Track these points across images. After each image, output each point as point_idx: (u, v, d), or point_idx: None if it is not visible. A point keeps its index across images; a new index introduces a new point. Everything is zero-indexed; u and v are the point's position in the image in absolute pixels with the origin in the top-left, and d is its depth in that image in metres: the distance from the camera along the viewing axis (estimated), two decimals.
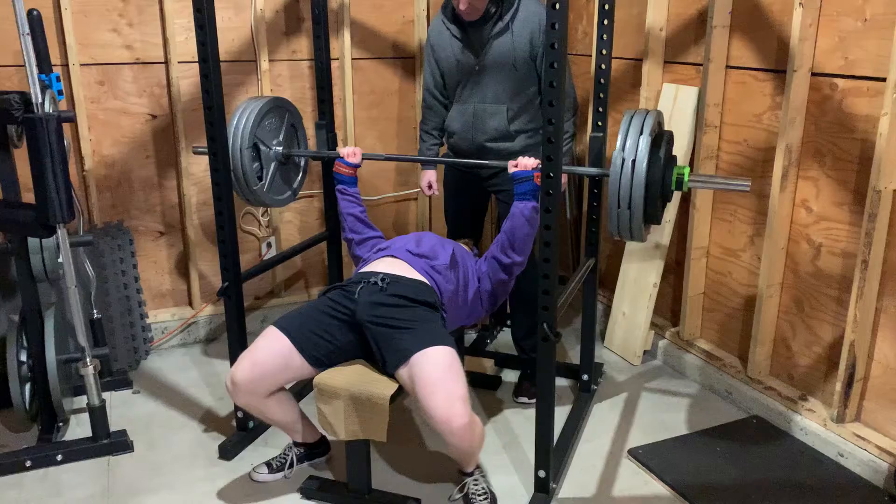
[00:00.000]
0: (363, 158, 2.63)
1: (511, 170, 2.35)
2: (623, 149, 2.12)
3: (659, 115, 2.22)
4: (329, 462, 2.50)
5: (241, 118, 2.56)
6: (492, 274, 2.43)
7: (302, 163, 2.89)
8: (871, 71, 2.26)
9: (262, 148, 2.64)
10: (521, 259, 2.39)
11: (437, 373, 2.03)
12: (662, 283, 3.16)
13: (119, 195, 3.24)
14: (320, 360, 2.20)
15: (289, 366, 2.18)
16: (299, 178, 2.88)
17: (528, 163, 2.32)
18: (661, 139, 2.18)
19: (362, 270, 2.37)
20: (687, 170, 2.18)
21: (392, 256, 2.39)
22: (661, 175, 2.15)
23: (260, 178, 2.65)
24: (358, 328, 2.20)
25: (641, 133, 2.11)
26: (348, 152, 2.60)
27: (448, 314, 2.33)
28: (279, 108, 2.72)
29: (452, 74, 2.76)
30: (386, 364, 2.14)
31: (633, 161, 2.09)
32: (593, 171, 2.47)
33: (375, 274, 2.28)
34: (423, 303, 2.22)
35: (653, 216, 2.21)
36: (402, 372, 2.08)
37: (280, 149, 2.71)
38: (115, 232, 3.15)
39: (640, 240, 2.24)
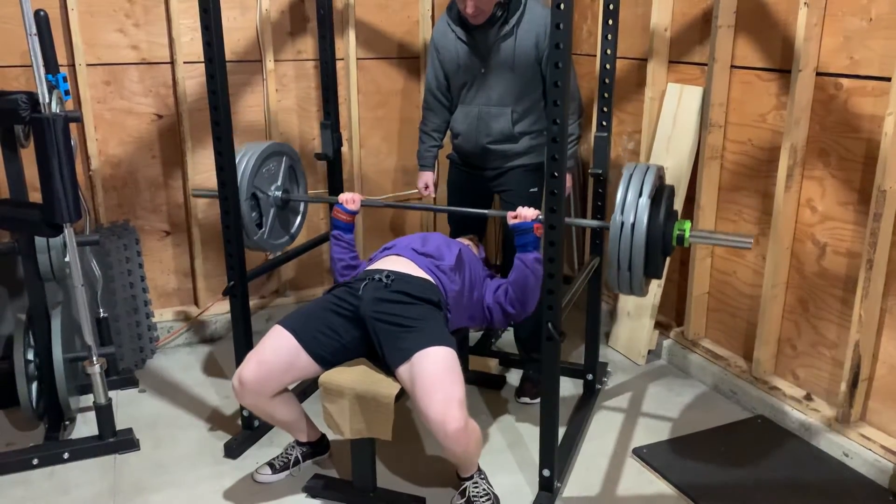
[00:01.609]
0: (362, 205, 2.62)
1: (511, 221, 2.36)
2: (622, 210, 2.10)
3: (659, 170, 2.19)
4: (333, 460, 2.51)
5: (238, 168, 2.53)
6: (497, 313, 2.44)
7: (301, 206, 2.91)
8: (877, 70, 2.26)
9: (261, 195, 2.66)
10: (530, 309, 2.39)
11: (437, 374, 2.03)
12: (667, 282, 3.16)
13: (125, 195, 3.25)
14: (326, 359, 2.21)
15: (295, 364, 2.18)
16: (297, 221, 2.90)
17: (527, 214, 2.33)
18: (662, 195, 2.16)
19: (367, 269, 2.38)
20: (688, 225, 2.17)
21: (397, 255, 2.39)
22: (662, 233, 2.13)
23: (259, 226, 2.67)
24: (362, 325, 2.20)
25: (641, 194, 2.09)
26: (347, 199, 2.58)
27: (452, 314, 2.33)
28: (277, 154, 2.73)
29: (457, 76, 2.77)
30: (387, 362, 2.14)
31: (633, 223, 2.07)
32: (594, 223, 2.44)
33: (380, 271, 2.29)
34: (427, 301, 2.23)
35: (654, 272, 2.19)
36: (403, 370, 2.09)
37: (279, 193, 2.73)
38: (121, 231, 3.16)
39: (641, 295, 2.24)
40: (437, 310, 2.25)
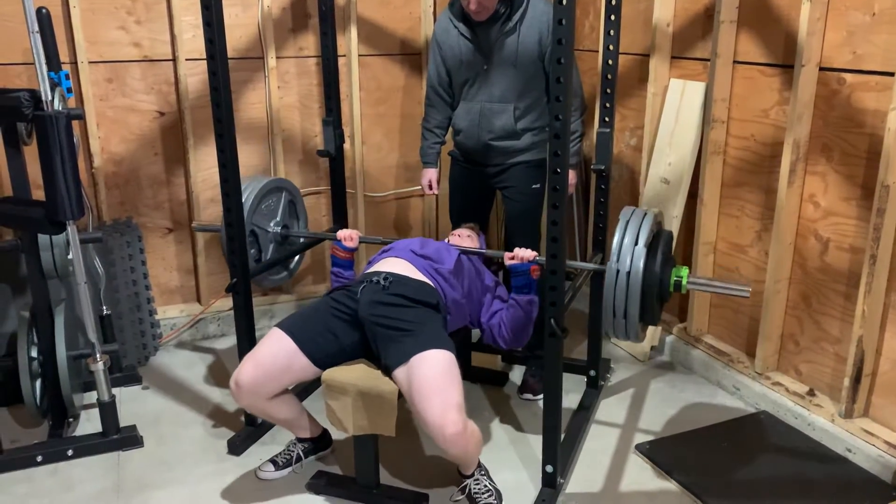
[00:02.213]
0: (360, 241, 2.62)
1: (508, 262, 2.36)
2: (617, 258, 2.09)
3: (657, 216, 2.18)
4: (336, 457, 2.51)
5: None
6: (488, 336, 2.49)
7: (299, 240, 2.92)
8: (880, 65, 2.25)
9: (259, 231, 2.67)
10: (521, 345, 2.47)
11: (434, 378, 2.02)
12: None
13: (128, 192, 3.25)
14: (324, 361, 2.20)
15: (292, 367, 2.18)
16: (297, 259, 2.92)
17: (524, 255, 2.33)
18: (659, 242, 2.15)
19: (366, 271, 2.38)
20: (685, 272, 2.16)
21: (396, 257, 2.39)
22: (658, 280, 2.12)
23: (258, 261, 2.68)
24: (361, 328, 2.20)
25: (637, 242, 2.08)
26: (345, 235, 2.58)
27: (452, 316, 2.33)
28: (277, 189, 2.75)
29: (459, 72, 2.76)
30: (385, 365, 2.14)
31: (629, 273, 2.06)
32: (591, 266, 2.42)
33: (378, 274, 2.29)
34: (425, 303, 2.23)
35: (650, 319, 2.18)
36: (400, 373, 2.08)
37: (278, 229, 2.74)
38: (123, 229, 3.17)
39: (638, 341, 2.24)
40: (436, 312, 2.24)
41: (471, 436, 2.06)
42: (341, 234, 2.59)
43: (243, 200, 2.54)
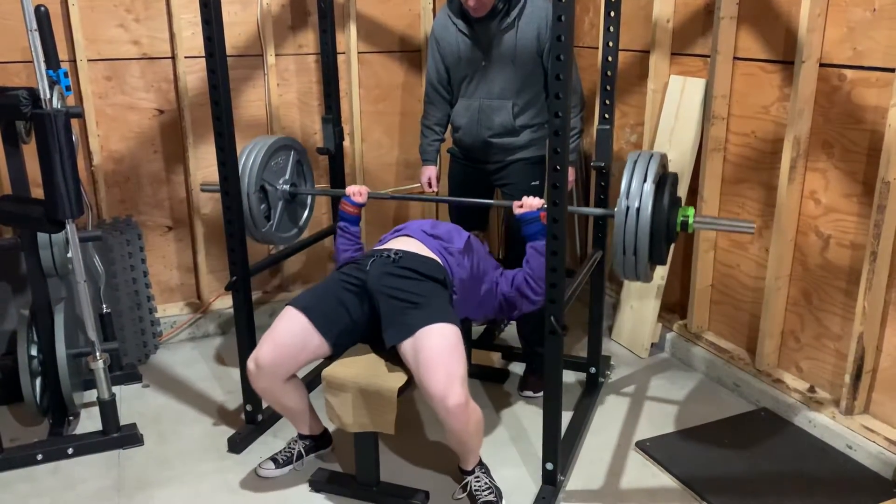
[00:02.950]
0: (369, 197, 2.62)
1: (517, 211, 2.38)
2: (627, 196, 2.13)
3: (663, 157, 2.22)
4: (337, 454, 2.51)
5: (247, 161, 2.56)
6: (515, 300, 2.44)
7: (308, 199, 2.91)
8: (881, 61, 2.25)
9: (269, 188, 2.66)
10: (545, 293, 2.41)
11: (440, 350, 2.05)
12: (670, 275, 3.16)
13: (127, 190, 3.25)
14: (336, 336, 2.22)
15: (308, 345, 2.20)
16: (305, 214, 2.91)
17: (532, 203, 2.35)
18: (666, 182, 2.19)
19: (376, 248, 2.40)
20: (692, 211, 2.20)
21: (407, 236, 2.42)
22: (666, 219, 2.16)
23: (268, 219, 2.68)
24: (370, 299, 2.22)
25: (645, 179, 2.13)
26: (355, 191, 2.59)
27: (458, 297, 2.34)
28: (285, 148, 2.73)
29: (457, 69, 2.76)
30: (391, 336, 2.15)
31: (638, 208, 2.11)
32: (598, 211, 2.47)
33: (389, 250, 2.32)
34: (433, 278, 2.25)
35: (658, 258, 2.22)
36: (406, 345, 2.10)
37: (287, 187, 2.73)
38: (123, 227, 3.16)
39: (647, 281, 2.27)
40: (443, 288, 2.26)
41: (472, 412, 2.08)
42: (350, 189, 2.60)
43: (253, 156, 2.56)
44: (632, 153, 2.23)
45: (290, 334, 2.18)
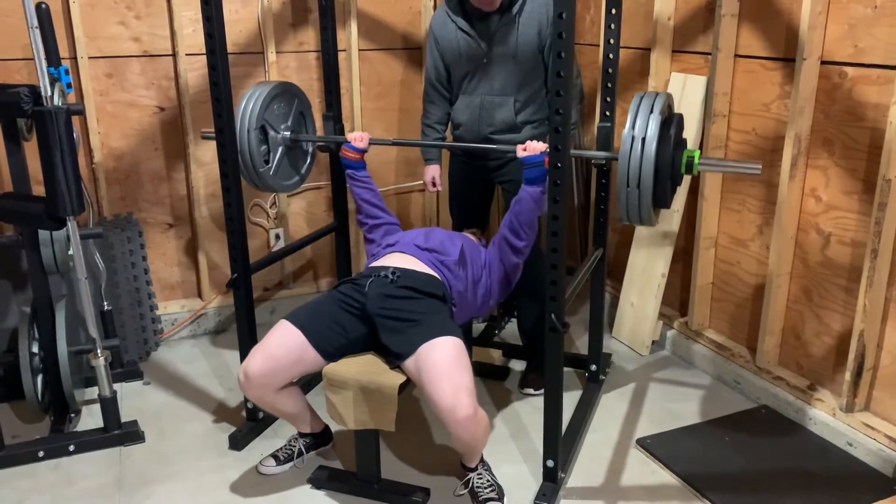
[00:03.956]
0: (370, 143, 2.63)
1: (520, 154, 2.34)
2: (633, 128, 2.10)
3: (669, 97, 2.20)
4: (337, 452, 2.51)
5: (249, 101, 2.57)
6: (504, 258, 2.44)
7: (310, 149, 2.89)
8: (882, 59, 2.24)
9: (270, 132, 2.65)
10: (530, 240, 2.41)
11: (445, 363, 2.03)
12: (671, 272, 3.15)
13: (128, 187, 3.25)
14: (332, 354, 2.20)
15: (302, 359, 2.18)
16: (307, 163, 2.88)
17: (536, 146, 2.31)
18: (671, 121, 2.16)
19: (372, 265, 2.38)
20: (697, 153, 2.17)
21: (401, 252, 2.39)
22: (671, 157, 2.13)
23: (267, 162, 2.65)
24: (369, 321, 2.20)
25: (651, 112, 2.10)
26: (355, 137, 2.60)
27: (457, 308, 2.33)
28: (288, 94, 2.72)
29: (458, 67, 2.75)
30: (394, 356, 2.14)
31: (643, 140, 2.07)
32: (601, 154, 2.45)
33: (385, 268, 2.29)
34: (432, 295, 2.23)
35: (662, 199, 2.18)
36: (410, 362, 2.09)
37: (288, 133, 2.72)
38: (124, 224, 3.17)
39: (650, 224, 2.22)
40: (443, 304, 2.25)
41: (480, 420, 2.07)
42: (351, 135, 2.61)
43: (255, 97, 2.56)
44: (638, 93, 2.21)
45: (283, 348, 2.17)
